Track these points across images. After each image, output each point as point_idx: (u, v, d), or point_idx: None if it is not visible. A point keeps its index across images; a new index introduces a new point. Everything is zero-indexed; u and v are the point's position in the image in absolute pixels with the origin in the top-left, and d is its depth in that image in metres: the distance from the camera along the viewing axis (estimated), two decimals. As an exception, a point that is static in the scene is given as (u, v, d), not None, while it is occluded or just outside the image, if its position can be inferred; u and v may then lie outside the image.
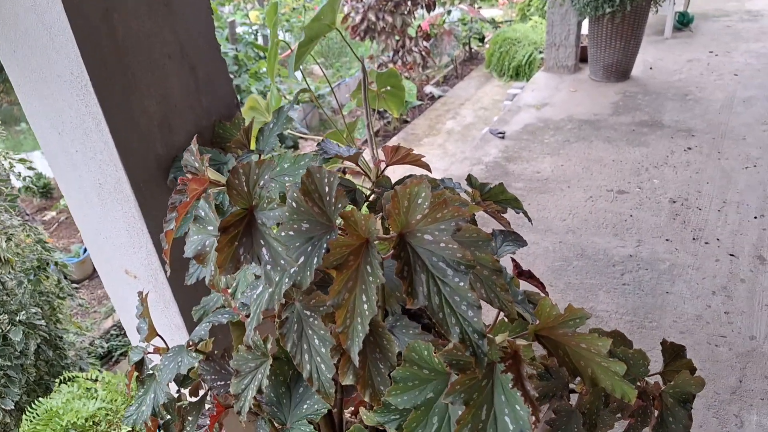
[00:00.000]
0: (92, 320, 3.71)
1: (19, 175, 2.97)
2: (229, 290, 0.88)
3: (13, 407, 2.15)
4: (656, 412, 0.97)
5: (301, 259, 0.70)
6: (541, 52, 6.28)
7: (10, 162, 2.62)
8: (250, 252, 0.65)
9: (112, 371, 2.90)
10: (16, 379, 2.17)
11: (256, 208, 0.66)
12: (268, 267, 0.64)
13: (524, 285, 1.09)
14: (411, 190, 0.68)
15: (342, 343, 0.69)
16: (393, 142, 5.35)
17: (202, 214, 0.79)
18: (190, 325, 1.31)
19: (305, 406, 0.91)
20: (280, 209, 0.62)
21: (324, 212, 0.74)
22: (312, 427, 0.87)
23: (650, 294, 2.37)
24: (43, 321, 2.33)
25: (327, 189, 0.74)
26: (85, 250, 4.51)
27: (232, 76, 5.38)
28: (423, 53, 5.65)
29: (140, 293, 1.06)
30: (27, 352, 2.19)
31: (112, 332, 3.55)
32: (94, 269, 4.63)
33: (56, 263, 2.54)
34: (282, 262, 0.63)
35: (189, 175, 0.68)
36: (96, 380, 2.20)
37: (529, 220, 1.22)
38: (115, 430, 2.00)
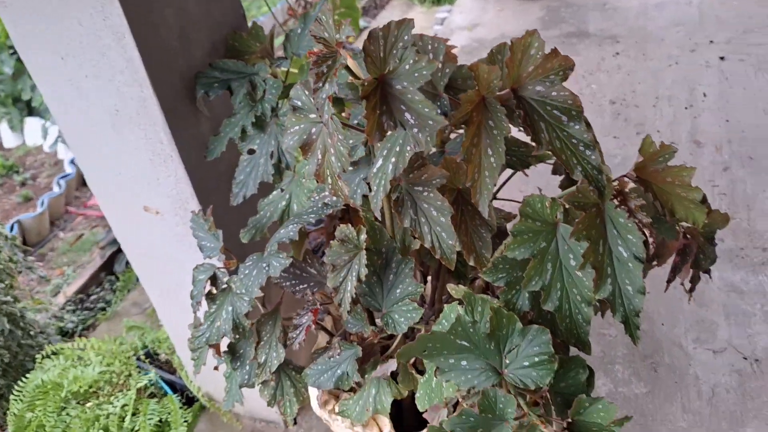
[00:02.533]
0: (38, 302, 3.46)
1: None
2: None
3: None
4: (695, 249, 1.08)
5: (418, 127, 0.71)
6: (455, -21, 6.25)
7: None
8: (392, 119, 0.65)
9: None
10: (-8, 362, 2.02)
11: (389, 75, 0.66)
12: (415, 130, 0.64)
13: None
14: (525, 41, 0.71)
15: (472, 197, 0.72)
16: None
17: (299, 103, 0.76)
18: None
19: (398, 291, 0.94)
20: (430, 66, 0.62)
21: (429, 81, 0.75)
22: (415, 304, 0.90)
23: (610, 186, 2.55)
24: (9, 297, 2.15)
25: (431, 56, 0.74)
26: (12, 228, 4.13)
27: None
28: (340, -13, 5.48)
29: (197, 211, 1.02)
30: (-2, 333, 2.03)
31: (68, 308, 3.34)
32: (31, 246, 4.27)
33: (6, 237, 2.33)
34: (430, 122, 0.64)
35: (318, 48, 0.65)
36: (84, 348, 2.09)
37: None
38: (121, 392, 1.93)
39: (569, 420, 0.72)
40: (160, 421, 1.80)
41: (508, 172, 1.02)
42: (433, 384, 0.85)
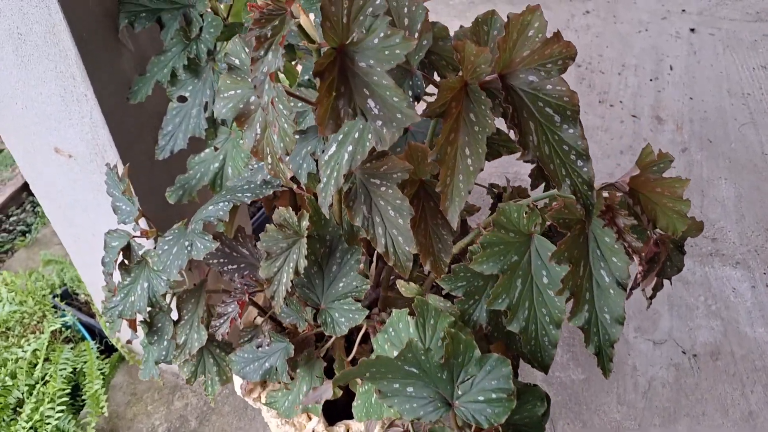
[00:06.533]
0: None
1: None
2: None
3: None
4: (663, 258, 1.02)
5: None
6: None
7: None
8: (352, 105, 0.51)
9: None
10: None
11: (352, 47, 0.51)
12: (379, 123, 0.51)
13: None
14: (524, 18, 0.57)
15: (441, 204, 0.60)
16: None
17: (237, 62, 0.61)
18: (150, 211, 1.12)
19: (341, 285, 0.82)
20: (406, 44, 0.48)
21: (401, 53, 0.60)
22: (359, 304, 0.79)
23: (569, 155, 2.49)
24: None
25: (407, 21, 0.60)
26: None
27: None
28: None
29: (111, 166, 0.86)
30: None
31: (-17, 231, 3.07)
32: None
33: None
34: (399, 116, 0.50)
35: (263, 1, 0.49)
36: (-7, 283, 1.89)
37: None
38: (33, 334, 1.77)
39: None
40: (74, 370, 1.66)
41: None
42: (373, 400, 0.75)
